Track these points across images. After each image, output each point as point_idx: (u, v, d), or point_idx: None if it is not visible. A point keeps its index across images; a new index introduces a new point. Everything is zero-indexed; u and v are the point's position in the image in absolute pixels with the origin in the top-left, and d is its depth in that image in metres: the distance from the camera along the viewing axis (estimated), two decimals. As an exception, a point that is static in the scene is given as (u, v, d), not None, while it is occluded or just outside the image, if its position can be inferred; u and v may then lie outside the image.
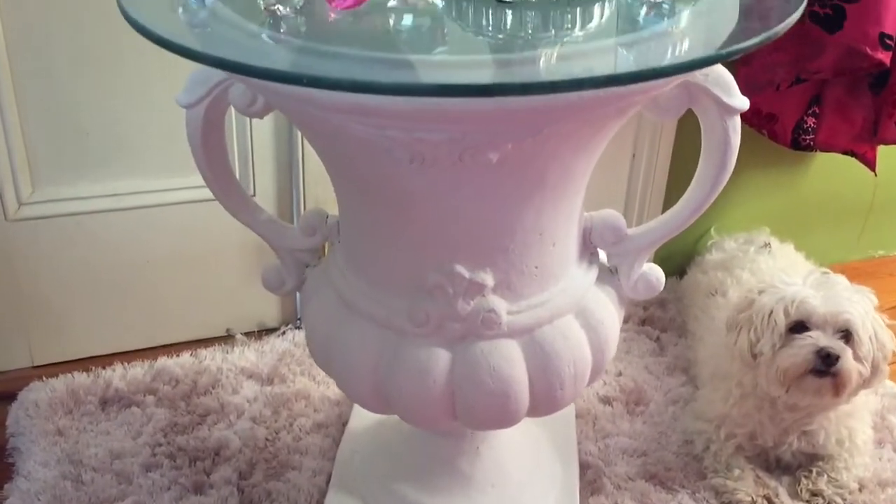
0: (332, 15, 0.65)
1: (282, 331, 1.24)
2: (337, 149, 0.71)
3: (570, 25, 0.65)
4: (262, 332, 1.24)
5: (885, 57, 1.13)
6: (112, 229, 1.12)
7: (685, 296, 1.31)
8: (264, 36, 0.63)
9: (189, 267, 1.17)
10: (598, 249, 0.82)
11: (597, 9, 0.66)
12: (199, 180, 0.80)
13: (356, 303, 0.77)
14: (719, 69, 0.72)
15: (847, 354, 0.94)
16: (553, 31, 0.64)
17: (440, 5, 0.66)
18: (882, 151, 1.32)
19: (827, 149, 1.33)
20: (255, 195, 1.15)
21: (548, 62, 0.60)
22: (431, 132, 0.61)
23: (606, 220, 0.80)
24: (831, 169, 1.43)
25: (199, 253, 1.17)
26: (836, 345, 0.94)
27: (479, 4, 0.65)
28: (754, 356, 0.99)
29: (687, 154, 1.22)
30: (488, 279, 0.72)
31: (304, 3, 0.66)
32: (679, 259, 1.38)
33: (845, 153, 1.33)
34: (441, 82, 0.56)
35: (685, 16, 0.66)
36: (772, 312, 0.97)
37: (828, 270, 1.03)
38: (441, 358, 0.74)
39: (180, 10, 0.67)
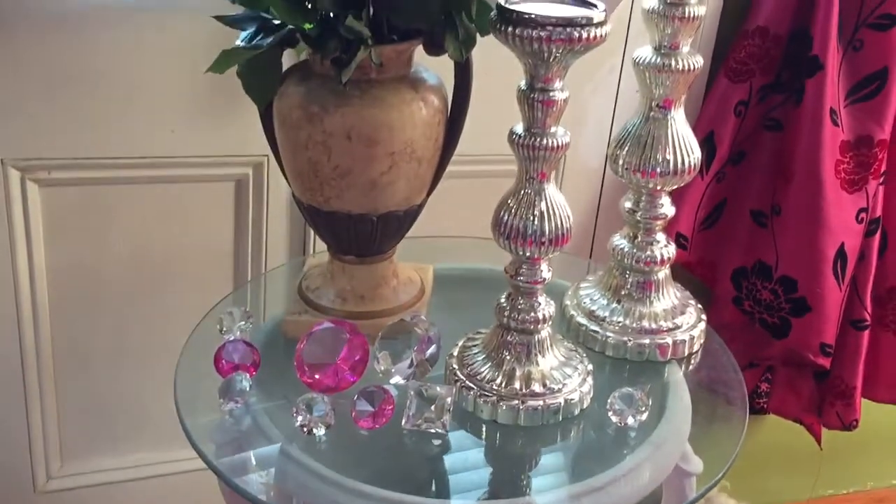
0: (363, 432, 0.78)
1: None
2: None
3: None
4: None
5: (825, 362, 1.29)
6: (136, 498, 1.23)
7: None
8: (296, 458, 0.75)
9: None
10: None
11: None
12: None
13: None
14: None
15: None
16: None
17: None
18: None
19: (778, 414, 1.47)
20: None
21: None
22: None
23: None
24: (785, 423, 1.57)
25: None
26: None
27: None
28: None
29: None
30: None
31: (330, 413, 0.79)
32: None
33: (795, 421, 1.47)
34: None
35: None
36: None
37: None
38: None
39: (227, 414, 0.80)
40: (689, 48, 0.82)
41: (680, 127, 0.84)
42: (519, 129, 0.74)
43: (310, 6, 0.73)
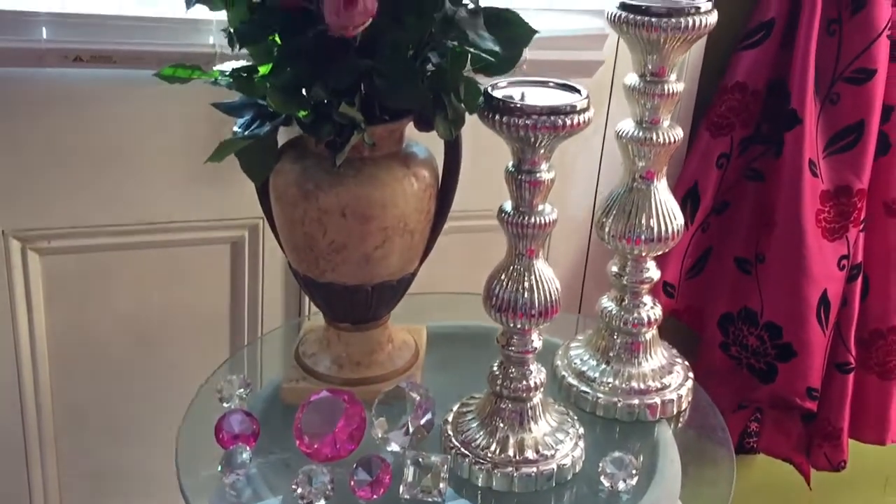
0: (362, 502, 0.80)
1: None
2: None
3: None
4: None
5: (812, 405, 1.32)
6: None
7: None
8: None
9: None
10: None
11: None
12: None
13: None
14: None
15: None
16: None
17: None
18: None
19: (768, 454, 1.50)
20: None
21: None
22: None
23: None
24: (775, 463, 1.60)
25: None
26: None
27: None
28: None
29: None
30: None
31: (329, 485, 0.81)
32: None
33: (785, 460, 1.50)
34: None
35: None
36: None
37: None
38: None
39: (229, 487, 0.82)
40: (669, 121, 0.85)
41: (663, 195, 0.87)
42: (508, 206, 0.77)
43: (304, 92, 0.76)
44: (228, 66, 0.79)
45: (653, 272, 0.91)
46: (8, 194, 1.03)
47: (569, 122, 0.70)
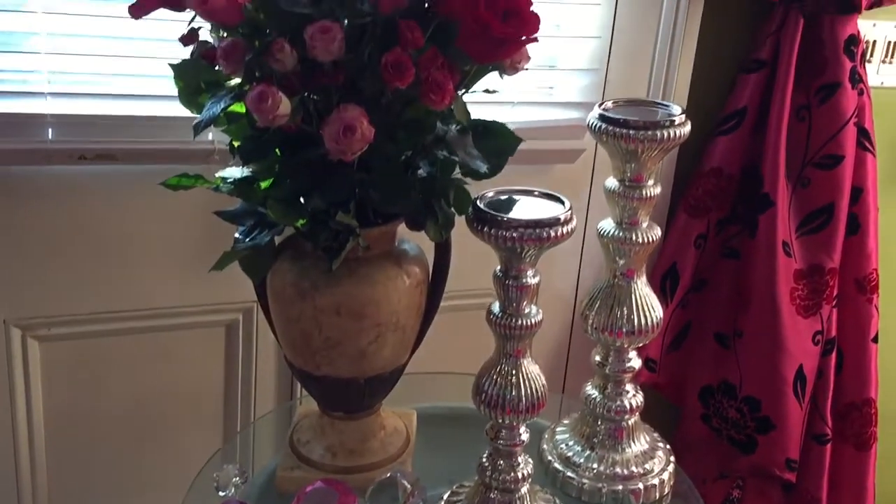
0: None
1: None
2: None
3: None
4: None
5: (791, 476, 1.35)
6: None
7: None
8: None
9: None
10: None
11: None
12: None
13: None
14: None
15: None
16: None
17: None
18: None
19: (751, 521, 1.53)
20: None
21: None
22: None
23: None
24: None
25: None
26: None
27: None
28: None
29: None
30: None
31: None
32: None
33: (767, 528, 1.53)
34: None
35: None
36: None
37: None
38: None
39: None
40: (647, 222, 0.90)
41: (642, 290, 0.92)
42: (496, 308, 0.81)
43: (302, 200, 0.80)
44: (229, 174, 0.83)
45: (634, 362, 0.95)
46: (9, 284, 1.06)
47: (553, 233, 0.74)
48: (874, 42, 1.38)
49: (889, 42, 1.39)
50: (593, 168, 1.27)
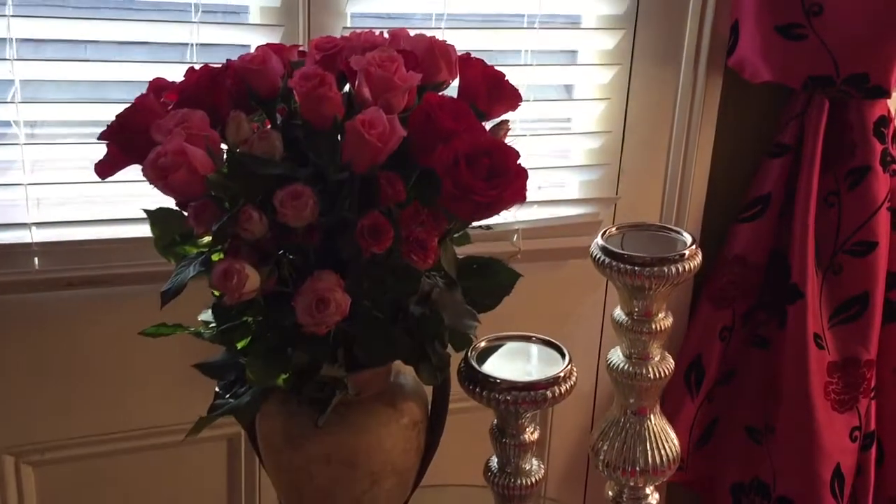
0: None
1: None
2: None
3: None
4: None
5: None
6: None
7: None
8: None
9: None
10: None
11: None
12: None
13: None
14: None
15: None
16: None
17: None
18: None
19: None
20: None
21: None
22: None
23: None
24: None
25: None
26: None
27: None
28: None
29: None
30: None
31: None
32: None
33: None
34: None
35: None
36: None
37: None
38: None
39: None
40: (660, 354, 0.83)
41: (657, 426, 0.85)
42: (494, 465, 0.75)
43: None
44: (211, 317, 0.79)
45: (652, 498, 0.88)
46: (0, 412, 1.03)
47: (551, 394, 0.69)
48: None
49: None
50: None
